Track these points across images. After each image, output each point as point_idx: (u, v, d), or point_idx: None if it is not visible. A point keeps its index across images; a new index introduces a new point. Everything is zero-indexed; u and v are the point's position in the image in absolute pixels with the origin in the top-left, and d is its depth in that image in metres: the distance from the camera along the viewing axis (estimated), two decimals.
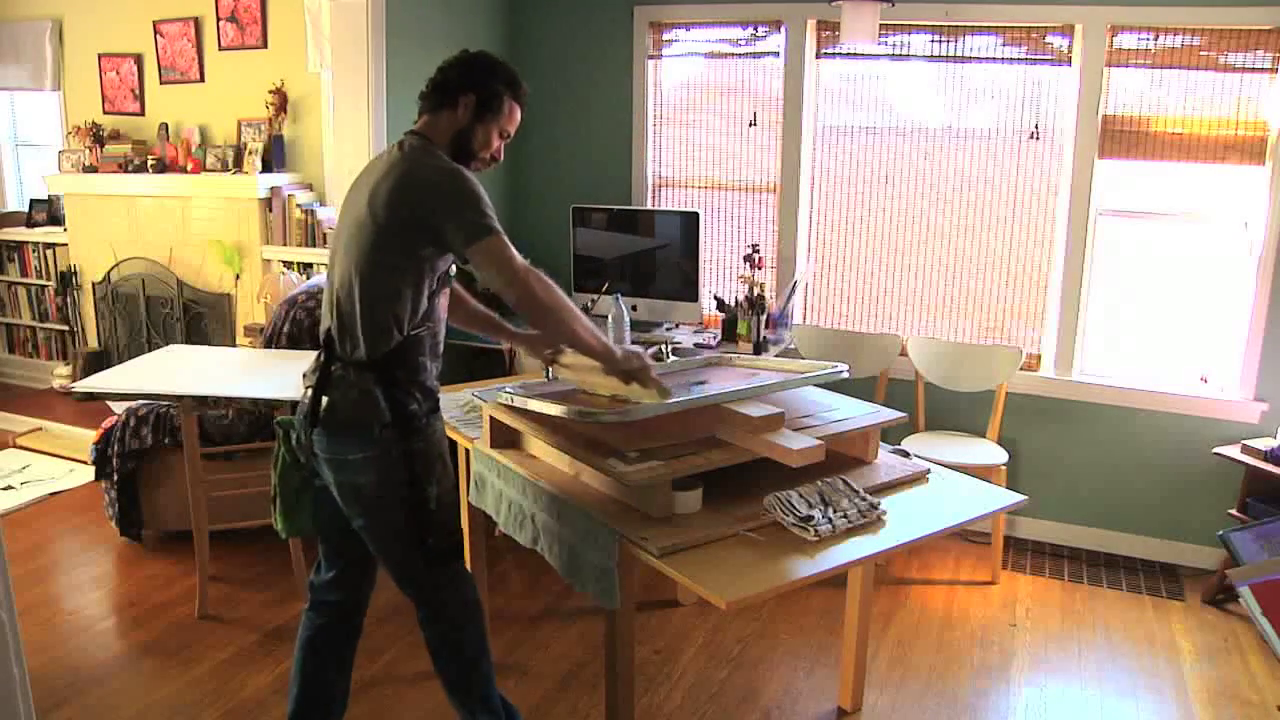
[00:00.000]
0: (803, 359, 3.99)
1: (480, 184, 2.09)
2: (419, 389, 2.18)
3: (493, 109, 2.17)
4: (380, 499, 2.17)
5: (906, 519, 2.14)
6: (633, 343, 3.19)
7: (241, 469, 3.60)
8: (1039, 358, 3.92)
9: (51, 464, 4.65)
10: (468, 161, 2.17)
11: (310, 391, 2.17)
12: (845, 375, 2.42)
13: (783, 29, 4.01)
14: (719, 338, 3.89)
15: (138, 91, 5.20)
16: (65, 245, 5.50)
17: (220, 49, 4.88)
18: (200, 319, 4.98)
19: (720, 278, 4.36)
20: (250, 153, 4.71)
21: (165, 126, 5.08)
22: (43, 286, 5.73)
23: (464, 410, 2.79)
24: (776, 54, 4.06)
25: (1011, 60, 3.73)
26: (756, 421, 2.10)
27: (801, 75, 4.01)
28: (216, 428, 3.57)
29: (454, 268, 2.24)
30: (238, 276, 4.79)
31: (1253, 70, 3.41)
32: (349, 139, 3.73)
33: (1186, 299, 3.72)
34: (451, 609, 2.32)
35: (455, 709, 2.41)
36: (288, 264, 4.67)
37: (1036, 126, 3.75)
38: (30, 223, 5.76)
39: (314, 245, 4.66)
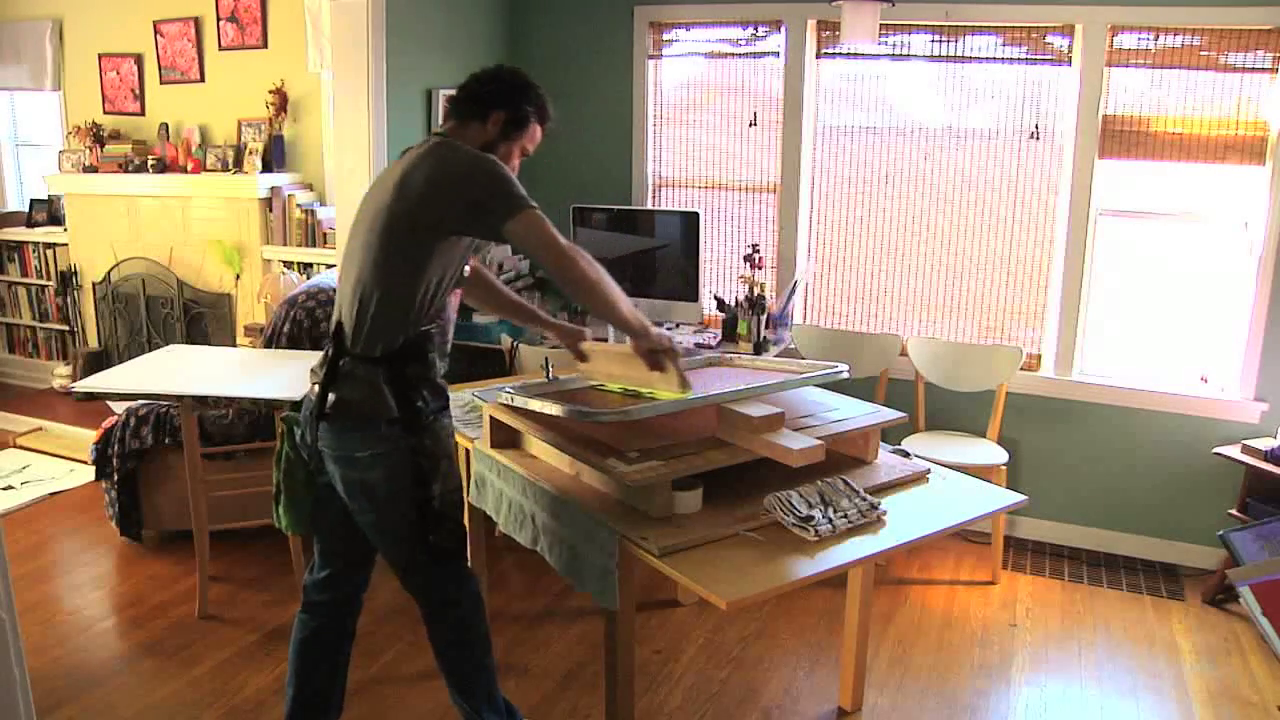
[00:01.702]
0: (803, 359, 4.00)
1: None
2: (428, 386, 2.19)
3: (520, 128, 2.23)
4: (388, 495, 2.17)
5: (907, 519, 2.14)
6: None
7: (241, 469, 3.60)
8: (1039, 358, 3.92)
9: (52, 464, 4.65)
10: None
11: (318, 386, 2.17)
12: (845, 376, 2.42)
13: (783, 29, 4.01)
14: (719, 338, 3.89)
15: (138, 91, 5.21)
16: (65, 245, 5.50)
17: (220, 49, 4.89)
18: (200, 319, 4.98)
19: (720, 278, 4.36)
20: (250, 153, 4.72)
21: (165, 126, 5.09)
22: (43, 286, 5.74)
23: (464, 410, 2.79)
24: (777, 54, 4.06)
25: (1012, 60, 3.73)
26: (757, 422, 2.10)
27: (801, 75, 4.01)
28: (217, 427, 3.57)
29: (467, 268, 2.26)
30: (238, 276, 4.79)
31: (1253, 70, 3.41)
32: (349, 139, 3.73)
33: (1187, 299, 3.72)
34: (454, 606, 2.32)
35: (458, 708, 2.40)
36: (288, 264, 4.67)
37: (1037, 126, 3.75)
38: (30, 223, 5.77)
39: (314, 245, 4.66)
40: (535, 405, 2.27)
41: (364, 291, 2.11)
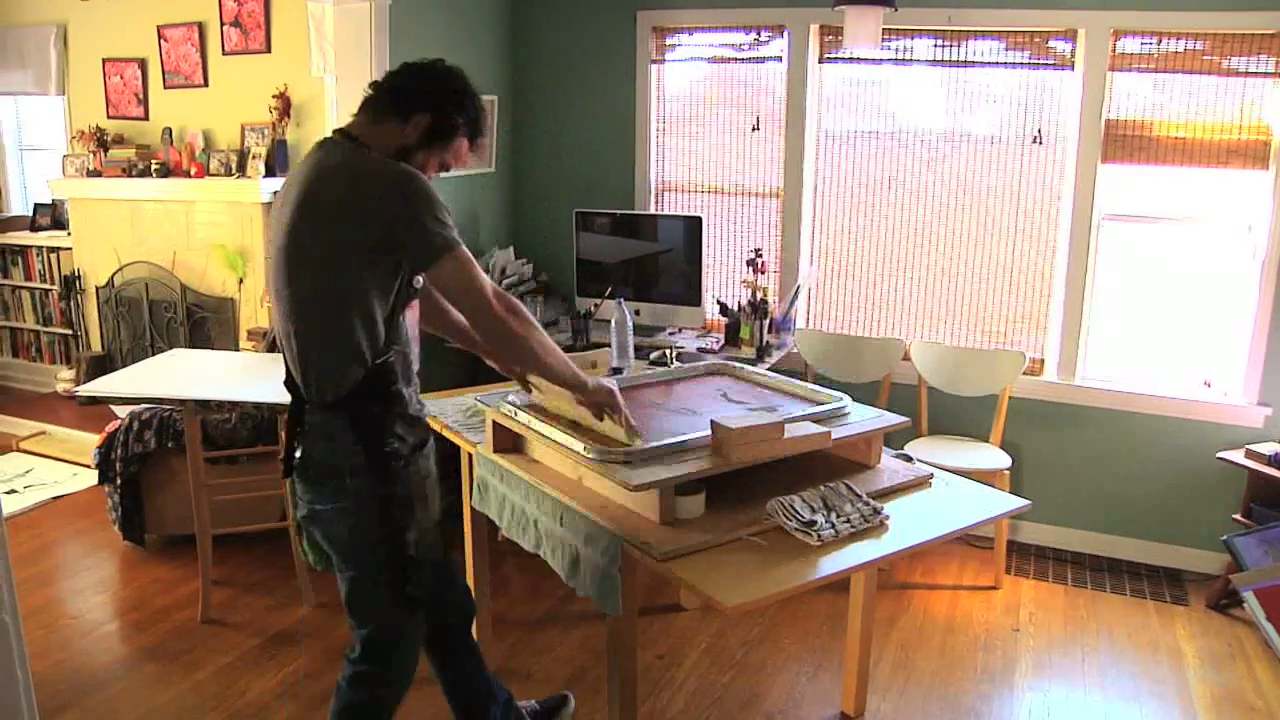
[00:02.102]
0: (804, 371, 3.99)
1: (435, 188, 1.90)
2: (401, 422, 1.99)
3: (444, 139, 1.96)
4: (353, 549, 2.04)
5: (909, 524, 2.13)
6: (636, 347, 3.19)
7: (244, 473, 3.61)
8: (1042, 362, 3.91)
9: (55, 468, 4.65)
10: None
11: (286, 440, 2.06)
12: (847, 411, 2.41)
13: (785, 34, 4.02)
14: (722, 342, 3.89)
15: (141, 96, 5.21)
16: (69, 249, 5.50)
17: (224, 54, 4.89)
18: (203, 323, 4.98)
19: (723, 282, 4.36)
20: (254, 157, 4.72)
21: (169, 131, 5.09)
22: (46, 290, 5.74)
23: (467, 415, 2.79)
24: (779, 59, 4.06)
25: (1014, 65, 3.73)
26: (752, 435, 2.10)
27: (804, 80, 4.01)
28: (219, 431, 3.58)
29: (419, 280, 2.01)
30: (241, 280, 4.79)
31: (1256, 74, 3.40)
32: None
33: (1190, 303, 3.71)
34: (391, 660, 2.14)
35: None
36: None
37: (1039, 131, 3.75)
38: (34, 227, 5.77)
39: None
40: (540, 429, 2.27)
41: (302, 337, 1.90)
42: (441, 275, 1.86)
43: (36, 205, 5.84)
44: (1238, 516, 3.48)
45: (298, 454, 2.00)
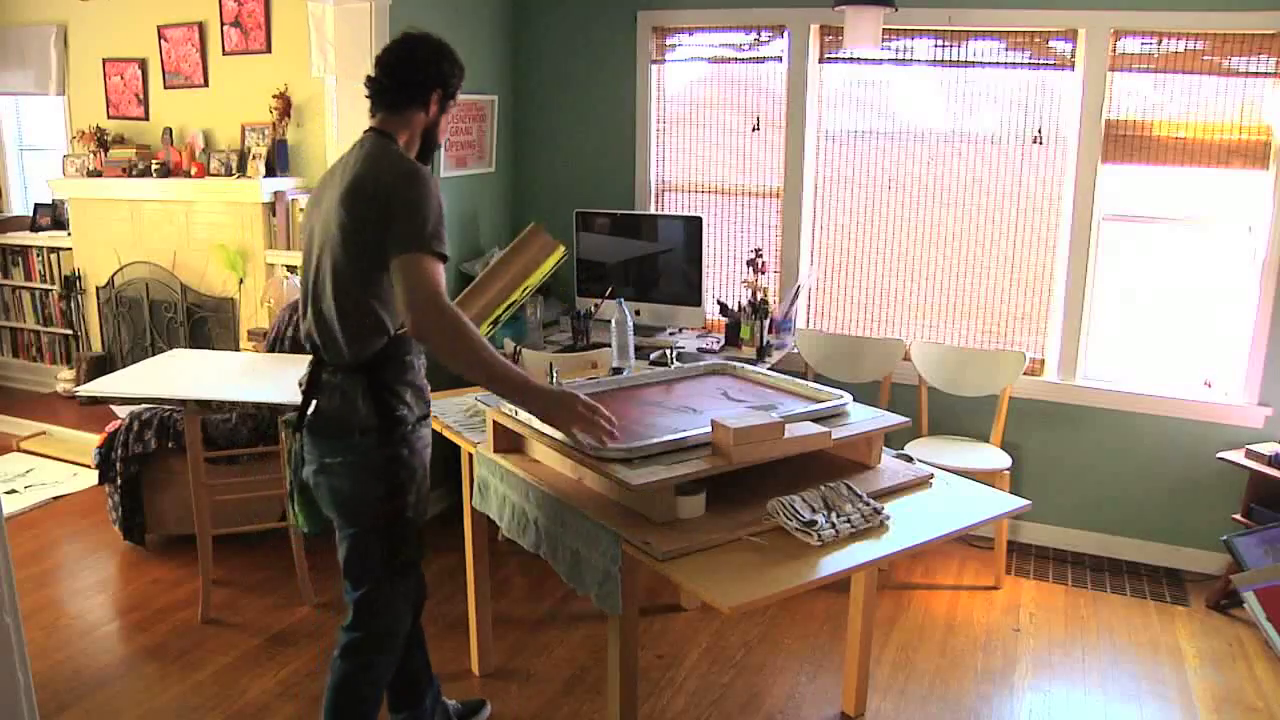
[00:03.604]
0: (804, 371, 3.99)
1: (441, 197, 2.03)
2: (411, 390, 2.16)
3: (451, 96, 2.18)
4: (355, 504, 2.16)
5: (910, 524, 2.13)
6: (636, 348, 3.19)
7: (245, 473, 3.61)
8: (1042, 362, 3.91)
9: (55, 468, 4.66)
10: (433, 153, 2.20)
11: (302, 397, 2.19)
12: (848, 409, 2.42)
13: (786, 34, 4.02)
14: (722, 342, 3.89)
15: (142, 96, 5.21)
16: (69, 249, 5.51)
17: (224, 54, 4.89)
18: (203, 323, 4.99)
19: (723, 282, 4.36)
20: (254, 157, 4.72)
21: (169, 131, 5.09)
22: (46, 290, 5.74)
23: (467, 415, 2.79)
24: (780, 59, 4.06)
25: (1014, 65, 3.73)
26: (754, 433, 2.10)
27: (805, 80, 4.01)
28: (220, 432, 3.58)
29: None
30: (241, 281, 4.79)
31: (1256, 74, 3.40)
32: (353, 144, 3.73)
33: (1190, 303, 3.71)
34: (383, 624, 2.26)
35: None
36: (291, 268, 4.67)
37: (1040, 131, 3.75)
38: (34, 227, 5.78)
39: None
40: (539, 427, 2.27)
41: (330, 304, 2.07)
42: (401, 266, 1.94)
43: (37, 205, 5.84)
44: (1238, 516, 3.48)
45: (311, 410, 2.14)
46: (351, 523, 2.19)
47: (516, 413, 2.37)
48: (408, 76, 2.10)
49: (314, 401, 2.15)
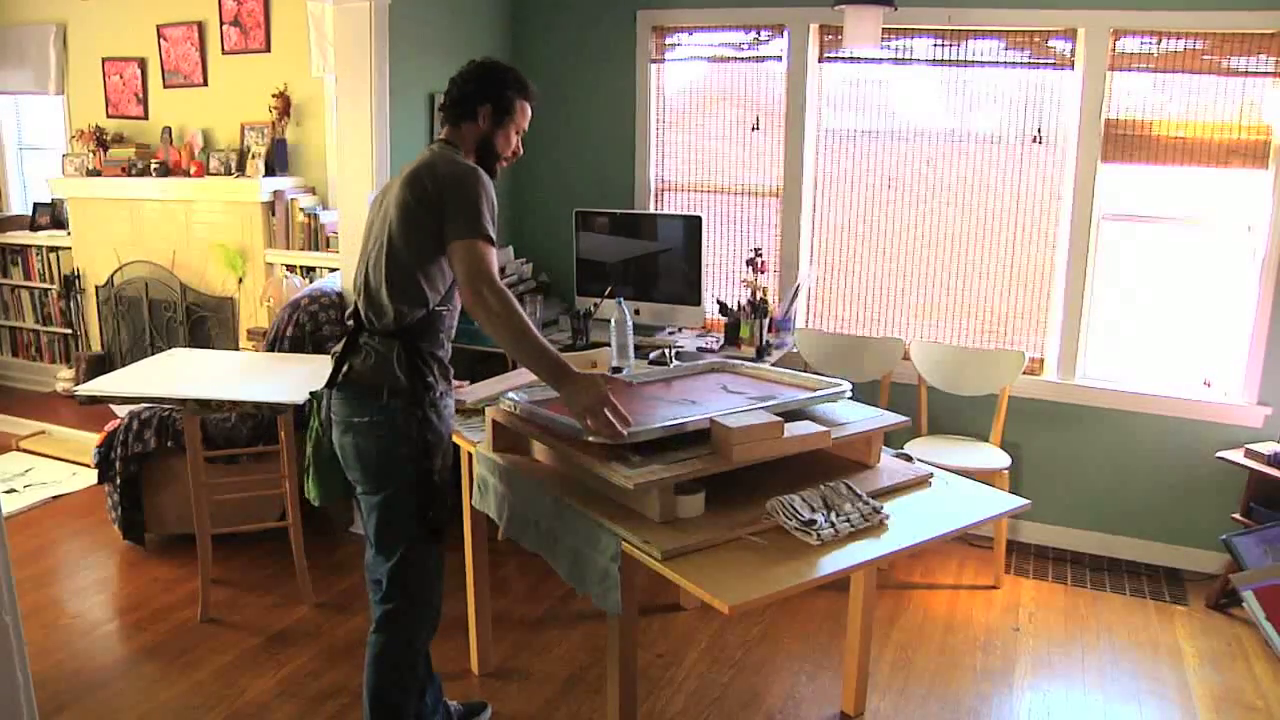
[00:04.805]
0: (805, 364, 4.00)
1: (494, 194, 2.21)
2: (438, 364, 2.28)
3: (508, 112, 2.34)
4: (380, 465, 2.23)
5: (909, 523, 2.13)
6: (635, 347, 3.19)
7: (244, 472, 3.61)
8: (1042, 362, 3.91)
9: (54, 467, 4.66)
10: (494, 163, 2.35)
11: (335, 358, 2.28)
12: (848, 395, 2.42)
13: (785, 33, 4.02)
14: (721, 341, 3.88)
15: (141, 95, 5.22)
16: (69, 249, 5.51)
17: (224, 53, 4.90)
18: (203, 322, 4.99)
19: (723, 282, 4.36)
20: (253, 156, 4.73)
21: (169, 130, 5.10)
22: (46, 290, 5.74)
23: (467, 414, 2.79)
24: (779, 58, 4.06)
25: (1014, 64, 3.73)
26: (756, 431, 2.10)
27: (804, 79, 4.01)
28: (219, 431, 3.58)
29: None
30: (240, 280, 4.80)
31: (1255, 74, 3.40)
32: (352, 143, 3.73)
33: (1189, 303, 3.71)
34: (419, 592, 2.32)
35: None
36: (290, 268, 4.68)
37: (1039, 131, 3.75)
38: (34, 226, 5.78)
39: (316, 249, 4.67)
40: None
41: (379, 270, 2.21)
42: (459, 250, 2.15)
43: (36, 204, 5.85)
44: (1237, 516, 3.48)
45: (344, 370, 2.25)
46: (381, 485, 2.25)
47: (516, 406, 2.37)
48: (459, 94, 2.33)
49: (347, 364, 2.25)
